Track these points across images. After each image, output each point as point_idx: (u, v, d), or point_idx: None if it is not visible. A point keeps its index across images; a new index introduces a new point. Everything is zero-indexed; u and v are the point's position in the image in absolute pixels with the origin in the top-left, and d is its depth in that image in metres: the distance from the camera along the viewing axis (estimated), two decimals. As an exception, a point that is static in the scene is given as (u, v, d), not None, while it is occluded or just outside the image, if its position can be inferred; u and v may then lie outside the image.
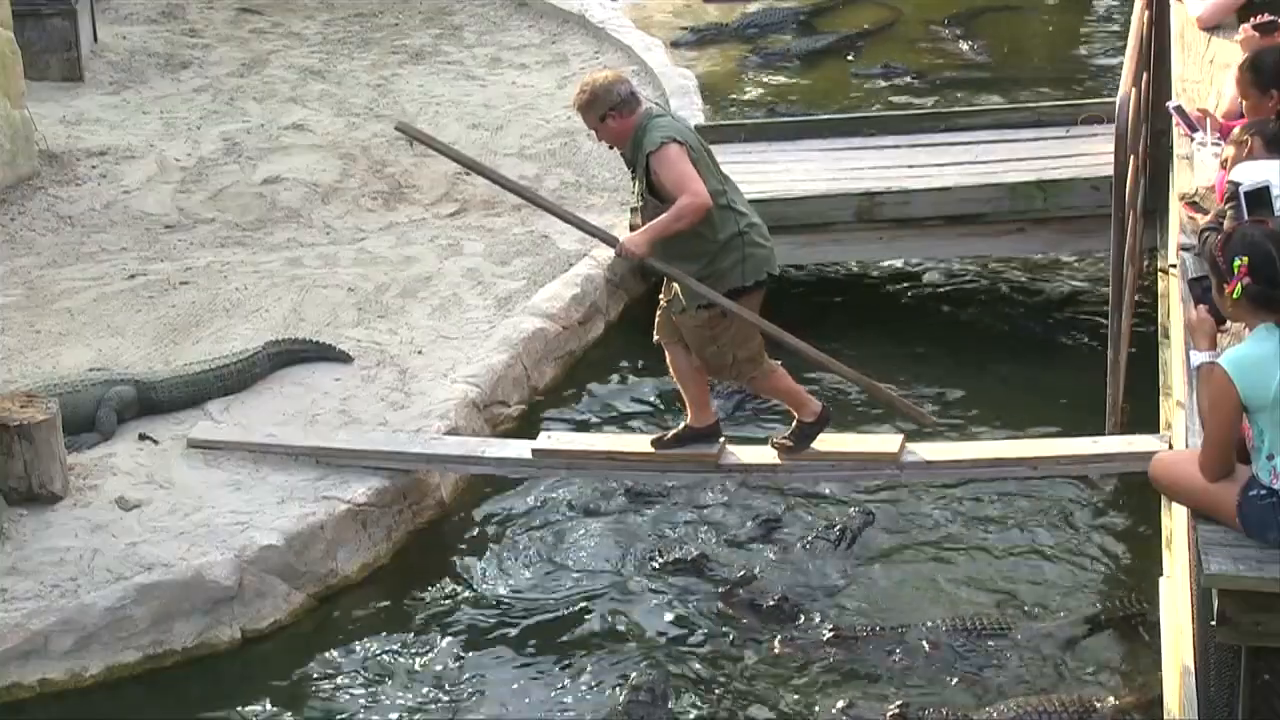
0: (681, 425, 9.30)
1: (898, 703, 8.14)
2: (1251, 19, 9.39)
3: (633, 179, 8.82)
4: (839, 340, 11.22)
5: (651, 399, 10.81)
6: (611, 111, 8.63)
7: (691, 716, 8.31)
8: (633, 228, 8.81)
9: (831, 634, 8.61)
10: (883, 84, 15.56)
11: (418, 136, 9.46)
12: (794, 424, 9.16)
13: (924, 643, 8.52)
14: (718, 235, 8.64)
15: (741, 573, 9.11)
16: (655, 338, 9.19)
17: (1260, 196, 7.23)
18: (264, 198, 12.98)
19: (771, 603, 8.88)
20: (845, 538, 9.39)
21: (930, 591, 9.06)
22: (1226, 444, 6.28)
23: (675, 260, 8.72)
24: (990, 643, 8.51)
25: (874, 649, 8.53)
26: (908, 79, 15.59)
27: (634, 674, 8.45)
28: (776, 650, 8.61)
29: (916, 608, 8.91)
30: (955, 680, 8.34)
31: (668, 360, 9.20)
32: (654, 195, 8.63)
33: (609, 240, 8.98)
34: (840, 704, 8.22)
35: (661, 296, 9.11)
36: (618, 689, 8.39)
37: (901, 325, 11.63)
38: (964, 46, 16.17)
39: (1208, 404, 6.28)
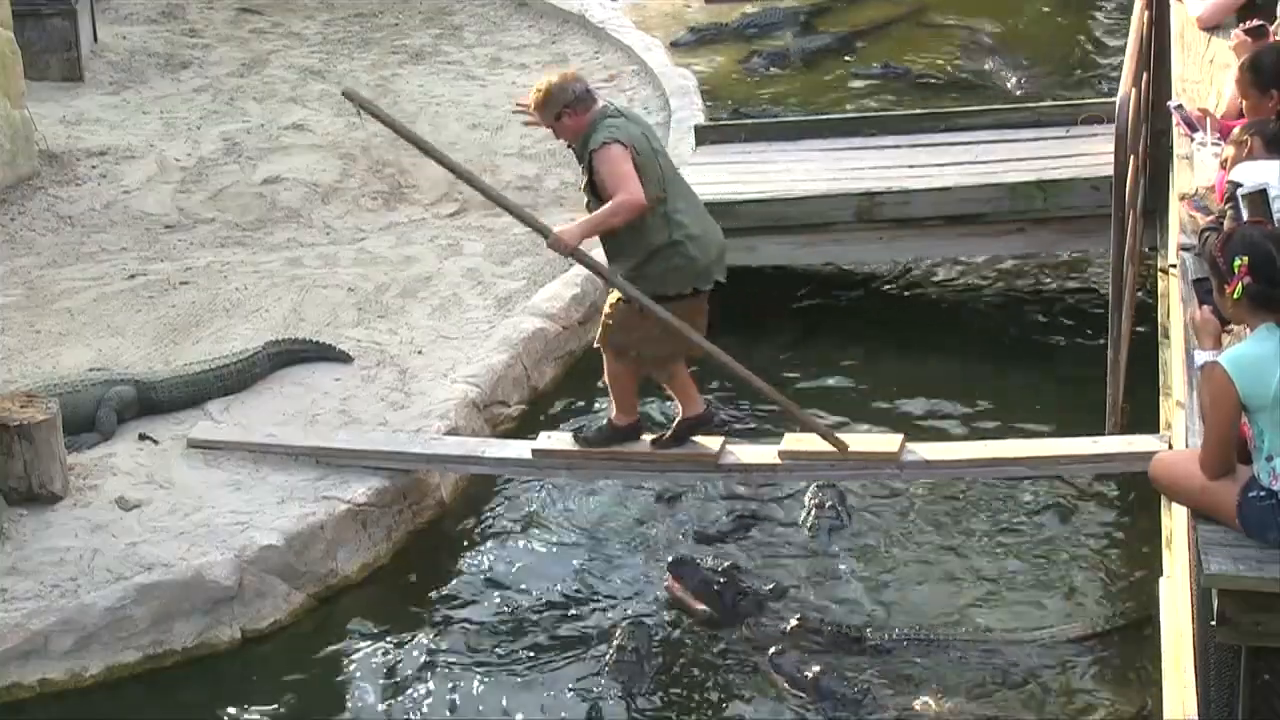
0: (676, 420, 9.33)
1: (798, 615, 8.48)
2: (1246, 21, 9.39)
3: (582, 175, 8.95)
4: (838, 340, 11.28)
5: (651, 399, 10.80)
6: (567, 109, 8.79)
7: (671, 674, 8.52)
8: None
9: (796, 625, 8.71)
10: (880, 83, 15.50)
11: (364, 105, 9.38)
12: (605, 421, 9.37)
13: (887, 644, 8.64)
14: (650, 241, 8.79)
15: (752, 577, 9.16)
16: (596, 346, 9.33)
17: (1258, 199, 7.23)
18: (264, 198, 12.98)
19: (761, 594, 9.01)
20: (841, 517, 9.50)
21: (927, 591, 9.06)
22: (1226, 441, 6.29)
23: (611, 257, 8.93)
24: (974, 649, 8.56)
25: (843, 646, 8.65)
26: (909, 79, 15.54)
27: (618, 635, 8.64)
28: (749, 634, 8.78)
29: (913, 606, 8.93)
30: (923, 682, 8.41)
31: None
32: (595, 194, 8.79)
33: (542, 230, 9.06)
34: (772, 650, 8.44)
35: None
36: (617, 683, 8.46)
37: (901, 326, 11.62)
38: (1010, 83, 15.48)
39: (1208, 401, 6.29)
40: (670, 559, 9.17)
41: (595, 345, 9.32)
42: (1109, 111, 10.15)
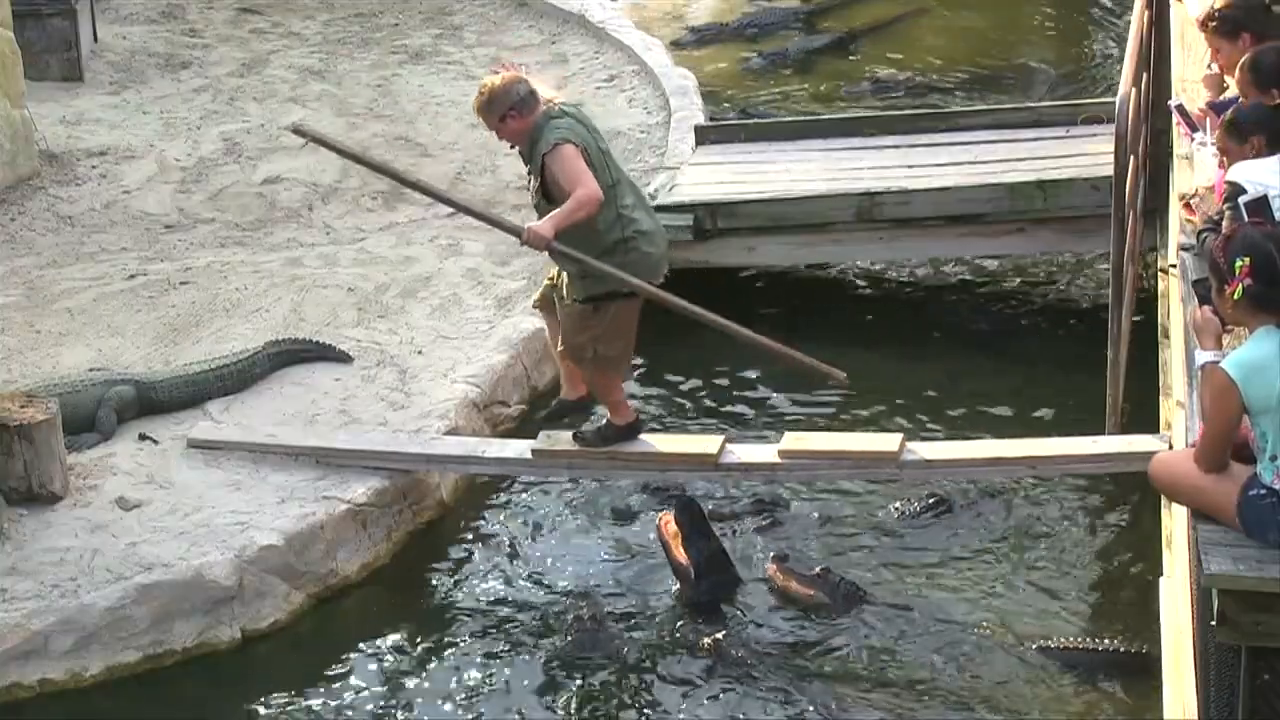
0: (605, 420, 9.42)
1: (774, 553, 8.97)
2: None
3: (529, 177, 9.02)
4: (837, 340, 11.26)
5: (651, 398, 10.81)
6: (511, 111, 8.87)
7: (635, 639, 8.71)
8: None
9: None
10: (874, 99, 15.39)
11: (314, 137, 9.48)
12: (604, 420, 9.45)
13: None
14: (605, 238, 8.89)
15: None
16: (533, 306, 9.56)
17: (1260, 205, 7.23)
18: (264, 198, 12.98)
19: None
20: (938, 507, 9.59)
21: (925, 589, 9.06)
22: (1225, 437, 6.30)
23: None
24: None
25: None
26: (900, 92, 15.46)
27: (572, 610, 8.80)
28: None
29: (906, 602, 8.94)
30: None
31: (547, 332, 9.56)
32: (546, 196, 8.86)
33: (513, 230, 9.14)
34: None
35: (547, 280, 9.33)
36: (615, 687, 8.46)
37: (900, 326, 11.62)
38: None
39: (1209, 402, 6.29)
40: (678, 499, 9.22)
41: (559, 349, 9.36)
42: (1109, 111, 10.15)
